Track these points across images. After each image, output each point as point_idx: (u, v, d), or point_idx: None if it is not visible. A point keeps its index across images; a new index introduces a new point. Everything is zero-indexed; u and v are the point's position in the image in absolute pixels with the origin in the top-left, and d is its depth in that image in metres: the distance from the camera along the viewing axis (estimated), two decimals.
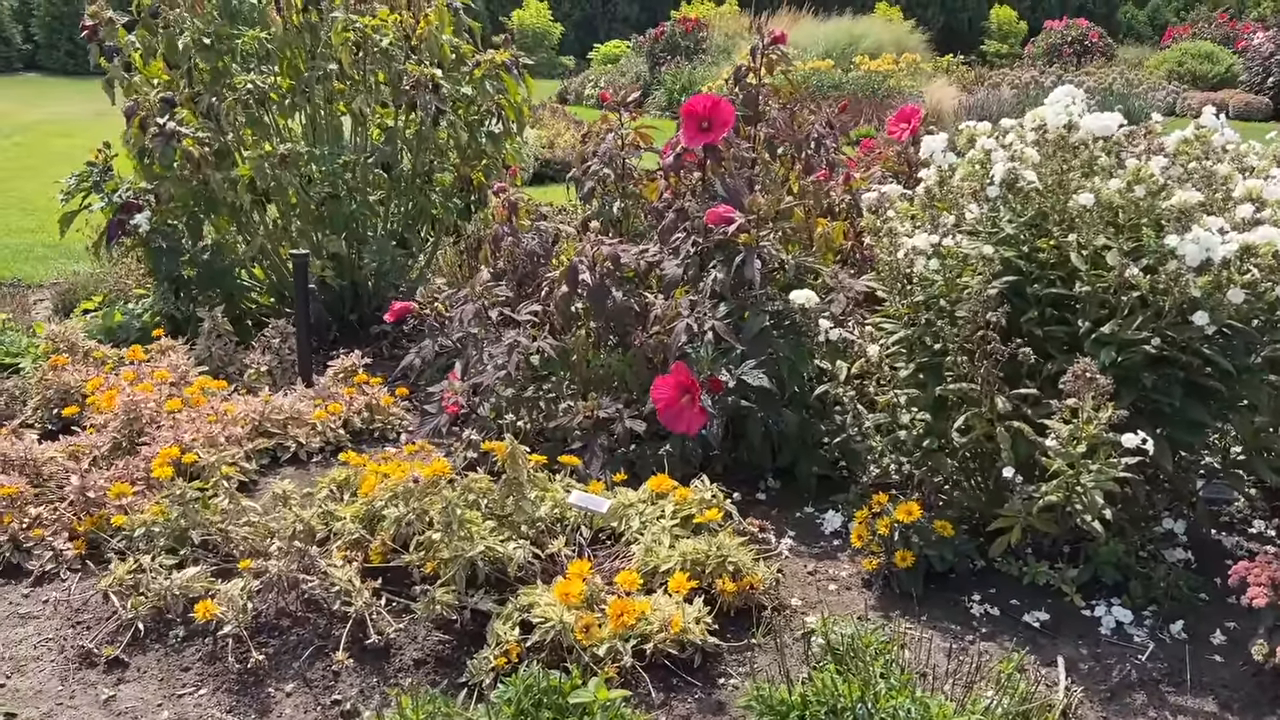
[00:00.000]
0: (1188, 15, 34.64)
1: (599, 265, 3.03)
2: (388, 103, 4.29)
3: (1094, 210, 2.23)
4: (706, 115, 3.21)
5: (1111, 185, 2.23)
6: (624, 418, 2.90)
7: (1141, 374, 2.23)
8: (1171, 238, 2.14)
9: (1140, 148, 2.43)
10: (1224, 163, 2.41)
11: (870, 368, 2.49)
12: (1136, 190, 2.20)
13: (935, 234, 2.40)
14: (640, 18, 31.63)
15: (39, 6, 27.23)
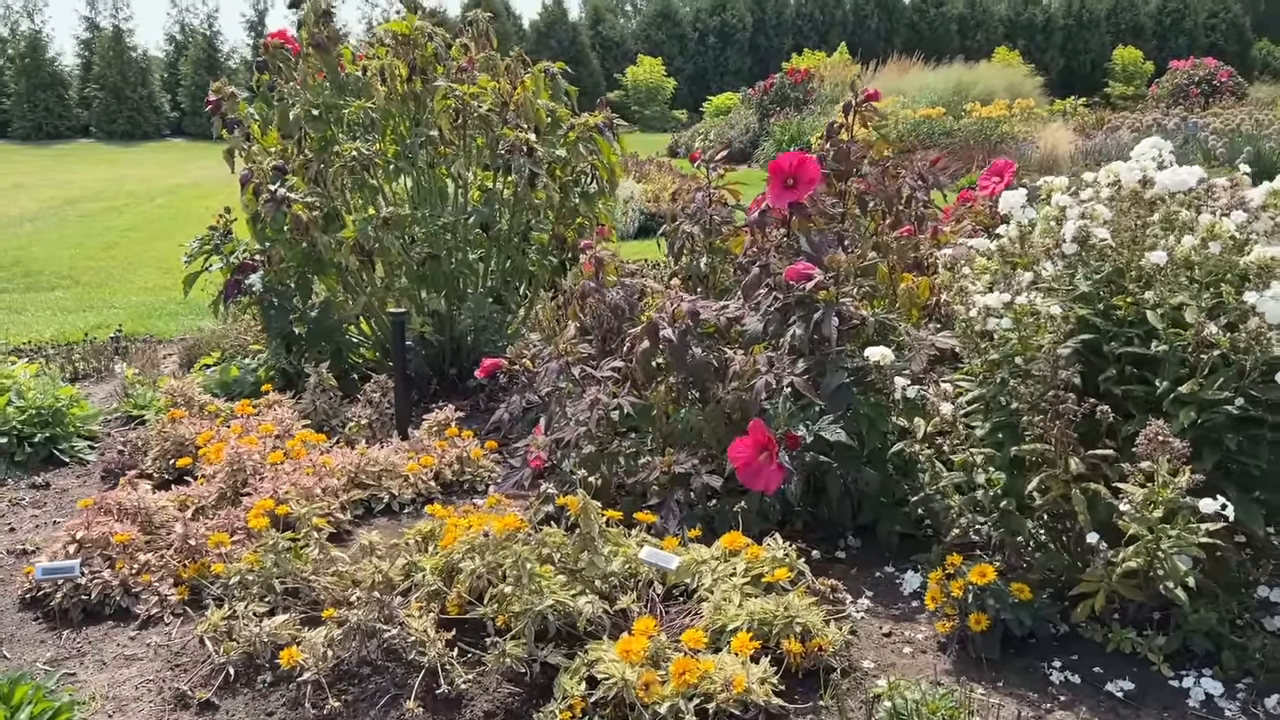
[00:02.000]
0: None
1: (679, 321, 3.08)
2: (488, 165, 4.46)
3: (1169, 267, 2.18)
4: (792, 173, 3.25)
5: (1186, 242, 2.18)
6: (701, 473, 2.93)
7: (1224, 435, 2.15)
8: (1250, 294, 2.08)
9: (1221, 201, 2.36)
10: None
11: (946, 426, 2.46)
12: (1212, 246, 2.14)
13: (1008, 292, 2.37)
14: (752, 70, 31.99)
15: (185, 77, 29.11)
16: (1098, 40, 35.84)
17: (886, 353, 2.59)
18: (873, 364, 2.58)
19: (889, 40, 35.49)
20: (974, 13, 36.56)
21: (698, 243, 3.60)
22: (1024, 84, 15.52)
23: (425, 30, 4.41)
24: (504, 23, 34.38)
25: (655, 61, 33.80)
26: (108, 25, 28.80)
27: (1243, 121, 12.21)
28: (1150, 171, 2.38)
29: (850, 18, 36.19)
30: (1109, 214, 2.33)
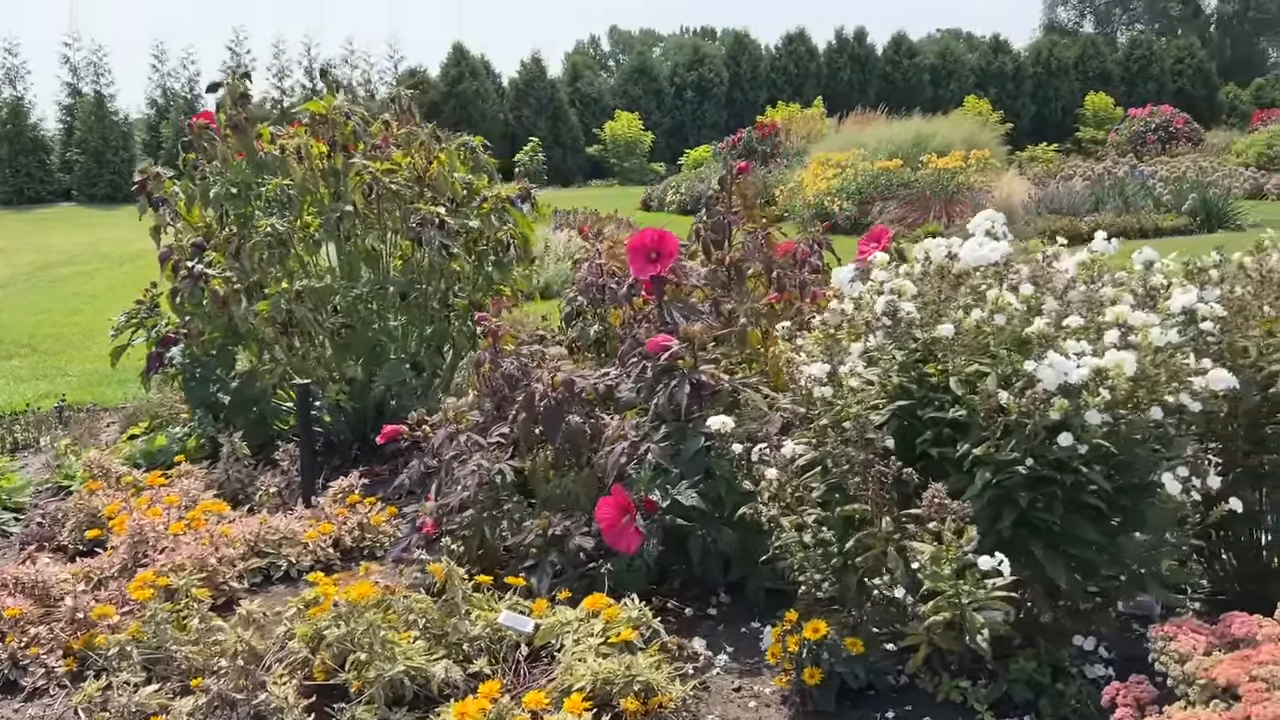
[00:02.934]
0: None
1: (557, 390, 3.24)
2: (409, 237, 4.64)
3: (960, 338, 2.34)
4: (654, 247, 3.42)
5: (974, 315, 2.34)
6: (574, 535, 3.06)
7: (1019, 493, 2.30)
8: (1029, 363, 2.24)
9: (1025, 273, 2.53)
10: (1109, 286, 2.50)
11: (779, 488, 2.61)
12: (997, 319, 2.31)
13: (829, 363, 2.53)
14: (729, 122, 32.49)
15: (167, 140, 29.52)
16: (1067, 87, 36.52)
17: (727, 421, 2.74)
18: (714, 431, 2.73)
19: (863, 91, 36.12)
20: (945, 63, 37.28)
21: (587, 312, 3.76)
22: (981, 135, 15.85)
23: (343, 109, 4.60)
24: (483, 81, 34.95)
25: (633, 116, 34.33)
26: (89, 91, 29.23)
27: (1188, 169, 12.50)
28: (955, 248, 2.55)
29: (824, 70, 36.86)
30: (914, 289, 2.50)
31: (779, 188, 16.33)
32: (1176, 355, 2.32)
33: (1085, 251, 2.65)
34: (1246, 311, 2.61)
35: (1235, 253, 2.95)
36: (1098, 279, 2.57)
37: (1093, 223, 11.90)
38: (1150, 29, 47.64)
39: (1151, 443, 2.38)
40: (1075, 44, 39.11)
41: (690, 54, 37.70)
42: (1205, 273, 2.59)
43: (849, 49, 37.21)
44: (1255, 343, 2.58)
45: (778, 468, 2.57)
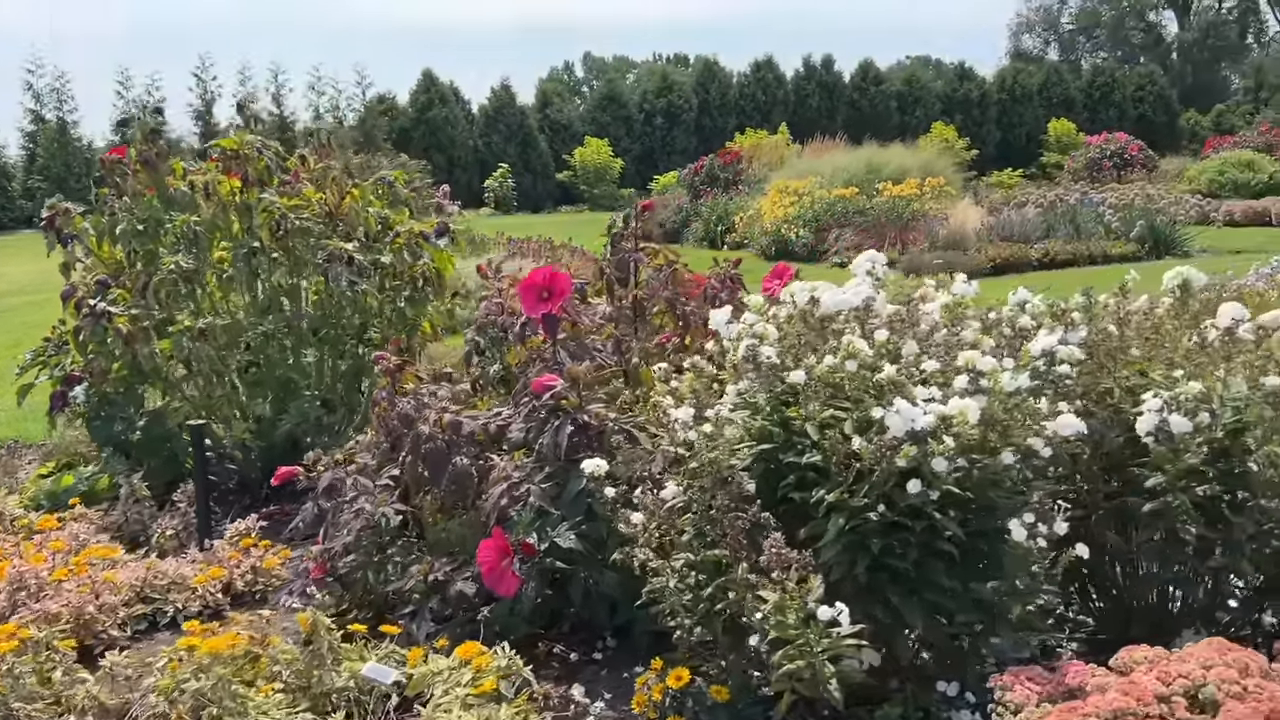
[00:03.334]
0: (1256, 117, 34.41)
1: (444, 431, 3.20)
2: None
3: (812, 385, 2.33)
4: (546, 286, 3.40)
5: (826, 361, 2.33)
6: (456, 580, 3.02)
7: (872, 540, 2.28)
8: (877, 409, 2.23)
9: (885, 316, 2.53)
10: (970, 330, 2.50)
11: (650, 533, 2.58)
12: (848, 365, 2.30)
13: (695, 406, 2.52)
14: (698, 149, 32.66)
15: None
16: (1031, 114, 36.98)
17: (600, 464, 2.71)
18: (588, 474, 2.70)
19: (830, 118, 36.44)
20: (912, 90, 37.67)
21: (489, 350, 3.74)
22: (937, 162, 16.00)
23: (255, 145, 4.57)
24: (453, 107, 34.99)
25: (602, 143, 34.47)
26: (53, 117, 29.06)
27: (1136, 197, 12.64)
28: (818, 292, 2.55)
29: (792, 97, 37.17)
30: (775, 334, 2.49)
31: (739, 215, 16.41)
32: (1028, 400, 2.32)
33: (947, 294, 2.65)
34: (1115, 353, 2.61)
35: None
36: (959, 321, 2.57)
37: (1042, 250, 12.02)
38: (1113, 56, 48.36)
39: (1007, 488, 2.37)
40: (1039, 71, 39.66)
41: (659, 81, 37.92)
42: (1069, 314, 2.58)
43: (816, 76, 37.56)
44: (1120, 384, 2.59)
45: (645, 512, 2.54)
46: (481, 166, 34.62)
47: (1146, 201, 12.49)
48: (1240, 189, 15.75)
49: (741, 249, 15.67)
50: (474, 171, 34.72)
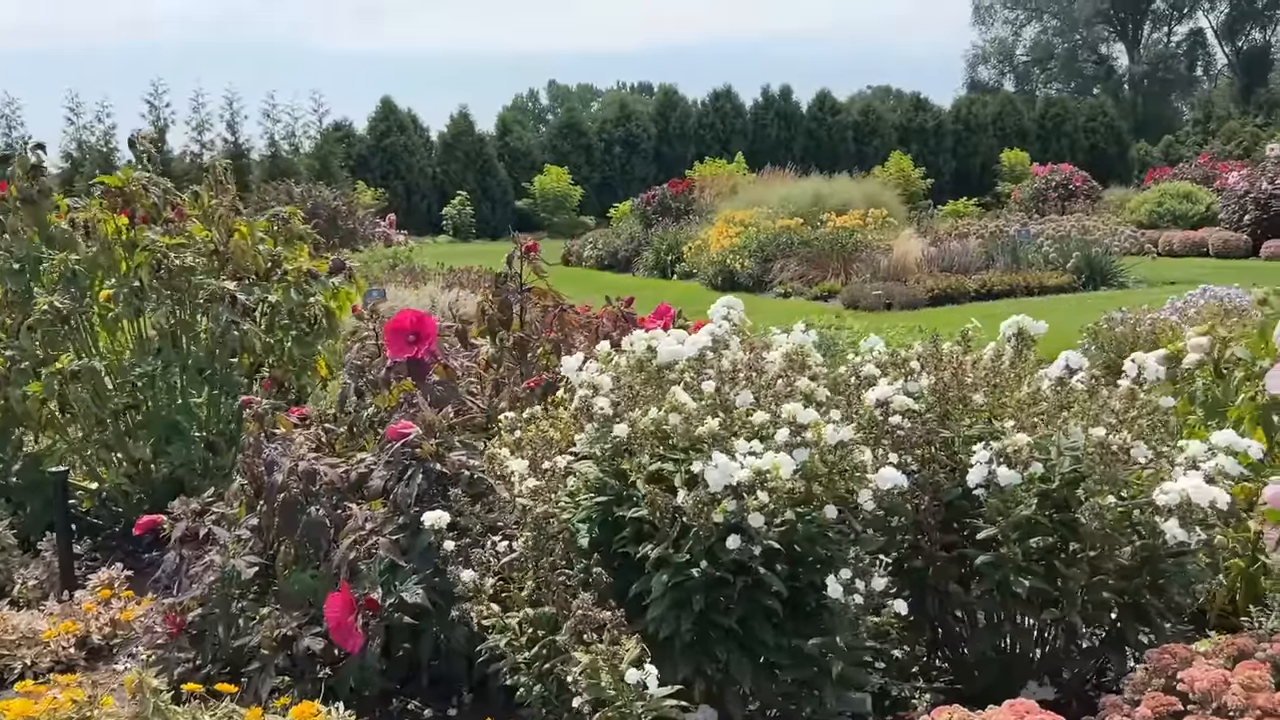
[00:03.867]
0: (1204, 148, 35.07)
1: (300, 480, 3.12)
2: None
3: (638, 437, 2.29)
4: (413, 329, 3.35)
5: (651, 414, 2.29)
6: (304, 636, 2.94)
7: (695, 596, 2.23)
8: (698, 463, 2.19)
9: (726, 363, 2.49)
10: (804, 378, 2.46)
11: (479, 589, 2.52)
12: (671, 419, 2.26)
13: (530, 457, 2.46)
14: (658, 177, 32.77)
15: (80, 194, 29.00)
16: (986, 144, 37.45)
17: (442, 516, 2.65)
18: (428, 526, 2.64)
19: (788, 147, 36.70)
20: (868, 120, 38.06)
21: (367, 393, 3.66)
22: (882, 194, 16.12)
23: (141, 181, 4.49)
24: (411, 135, 34.94)
25: (561, 171, 34.52)
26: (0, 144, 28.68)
27: (1073, 228, 12.78)
28: (655, 342, 2.51)
29: (750, 126, 37.44)
30: (609, 384, 2.44)
31: (687, 245, 16.44)
32: (853, 452, 2.28)
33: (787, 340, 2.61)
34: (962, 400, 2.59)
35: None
36: (798, 370, 2.54)
37: (979, 281, 12.10)
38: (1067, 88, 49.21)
39: (837, 541, 2.33)
40: (994, 102, 40.21)
41: (618, 110, 38.09)
42: (907, 364, 2.56)
43: (775, 106, 37.87)
44: (961, 434, 2.56)
45: (479, 567, 2.48)
46: (440, 194, 34.56)
47: (1083, 233, 12.62)
48: (1179, 219, 15.99)
49: (691, 278, 15.69)
50: (433, 198, 34.67)
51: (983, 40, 52.31)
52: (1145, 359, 2.53)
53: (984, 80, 50.72)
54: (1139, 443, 2.52)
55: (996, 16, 51.72)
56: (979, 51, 51.81)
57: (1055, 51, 50.72)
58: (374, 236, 14.30)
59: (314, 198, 14.00)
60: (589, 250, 20.66)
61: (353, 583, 2.88)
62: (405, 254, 12.85)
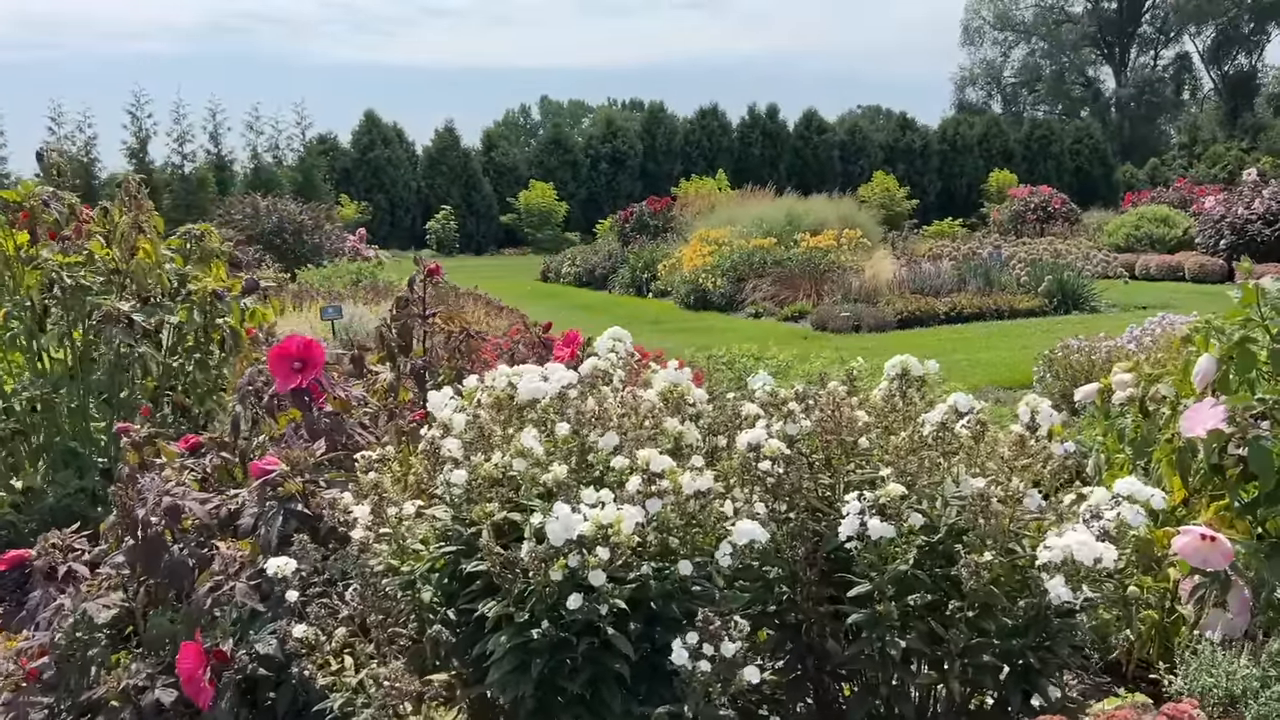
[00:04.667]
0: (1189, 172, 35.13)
1: (163, 517, 2.94)
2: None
3: (478, 484, 2.11)
4: (299, 356, 3.17)
5: (495, 458, 2.12)
6: (155, 687, 2.75)
7: (536, 659, 2.06)
8: (537, 516, 2.01)
9: (588, 406, 2.32)
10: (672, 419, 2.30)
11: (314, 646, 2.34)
12: (516, 464, 2.09)
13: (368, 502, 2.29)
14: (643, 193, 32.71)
15: None
16: (972, 164, 37.51)
17: (288, 563, 2.47)
18: (270, 574, 2.46)
19: (774, 166, 36.72)
20: (854, 139, 38.10)
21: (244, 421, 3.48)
22: (857, 215, 16.01)
23: (40, 196, 4.32)
24: (395, 148, 34.84)
25: (547, 186, 34.44)
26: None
27: (1045, 251, 12.66)
28: (516, 378, 2.34)
29: (737, 144, 37.44)
30: (461, 423, 2.27)
31: (662, 263, 16.31)
32: (714, 503, 2.11)
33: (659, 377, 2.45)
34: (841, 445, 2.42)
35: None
36: (672, 410, 2.37)
37: (949, 303, 11.97)
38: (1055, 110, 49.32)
39: (704, 598, 2.16)
40: (980, 123, 40.27)
41: (605, 126, 38.06)
42: (785, 404, 2.39)
43: (761, 124, 37.88)
44: (843, 480, 2.39)
45: (314, 622, 2.30)
46: (425, 208, 34.47)
47: (1055, 256, 12.50)
48: (1156, 243, 15.89)
49: (666, 297, 15.55)
50: (417, 212, 34.56)
51: (971, 62, 52.47)
52: (1038, 403, 2.36)
53: (972, 101, 50.83)
54: (1033, 491, 2.36)
55: (985, 38, 51.89)
56: (967, 73, 51.96)
57: (1043, 74, 50.85)
58: (343, 251, 14.11)
59: (279, 211, 13.81)
60: (567, 267, 20.53)
61: (209, 630, 2.69)
62: (370, 269, 12.66)
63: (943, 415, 2.26)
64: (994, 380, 7.97)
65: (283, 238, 13.12)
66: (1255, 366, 2.97)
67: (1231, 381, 3.00)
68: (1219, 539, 2.60)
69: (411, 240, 33.10)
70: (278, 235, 13.12)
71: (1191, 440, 2.85)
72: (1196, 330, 3.14)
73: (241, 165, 31.32)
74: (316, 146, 32.86)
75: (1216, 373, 2.99)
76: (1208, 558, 2.63)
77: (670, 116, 38.73)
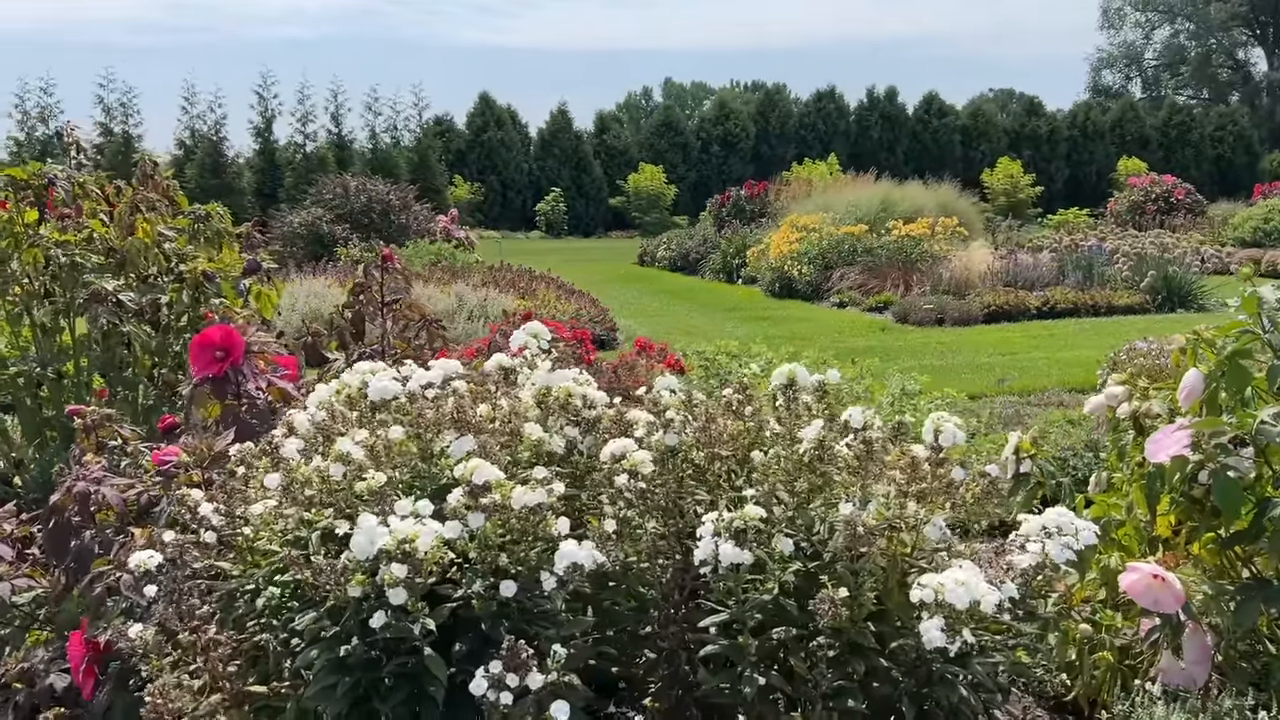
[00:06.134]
0: None
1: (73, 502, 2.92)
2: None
3: (294, 490, 1.99)
4: (221, 345, 3.11)
5: (315, 463, 1.99)
6: (52, 671, 2.73)
7: (346, 678, 1.92)
8: (344, 524, 1.88)
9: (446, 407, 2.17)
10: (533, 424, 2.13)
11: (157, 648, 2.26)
12: (333, 470, 1.95)
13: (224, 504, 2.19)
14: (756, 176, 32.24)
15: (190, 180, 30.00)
16: (1103, 151, 35.76)
17: (152, 557, 2.40)
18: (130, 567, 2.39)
19: (891, 150, 35.76)
20: (977, 124, 36.76)
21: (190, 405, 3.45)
22: (956, 202, 15.36)
23: (44, 175, 4.39)
24: (509, 131, 35.19)
25: (656, 169, 34.27)
26: (119, 131, 29.95)
27: (1149, 245, 11.90)
28: (368, 378, 2.20)
29: (854, 128, 36.55)
30: (305, 422, 2.15)
31: (751, 250, 16.00)
32: (546, 518, 1.94)
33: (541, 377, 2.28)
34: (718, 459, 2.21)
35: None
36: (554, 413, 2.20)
37: (1042, 298, 11.39)
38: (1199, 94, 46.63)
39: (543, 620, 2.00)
40: (1116, 108, 38.35)
41: (717, 109, 37.66)
42: (664, 413, 2.19)
43: (879, 107, 36.87)
44: (725, 497, 2.18)
45: (152, 623, 2.22)
46: (536, 190, 34.73)
47: (1161, 250, 11.72)
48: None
49: (754, 284, 15.25)
50: (528, 194, 34.84)
51: (1110, 44, 49.97)
52: (943, 420, 2.10)
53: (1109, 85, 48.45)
54: (938, 519, 2.12)
55: (1126, 19, 49.31)
56: (1104, 55, 49.49)
57: (1188, 56, 48.08)
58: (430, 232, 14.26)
59: (368, 191, 14.04)
60: (662, 251, 20.38)
61: (96, 620, 2.66)
62: (449, 251, 12.74)
63: (819, 433, 2.03)
64: (1065, 382, 7.49)
65: (370, 217, 13.36)
66: (1249, 385, 2.62)
67: (1223, 400, 2.66)
68: (1168, 579, 2.29)
69: (522, 222, 33.45)
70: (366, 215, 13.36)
71: (1161, 467, 2.53)
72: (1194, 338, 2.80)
73: (360, 145, 32.12)
74: (433, 128, 33.46)
75: (1205, 390, 2.65)
76: (1159, 598, 2.33)
77: (785, 99, 38.10)
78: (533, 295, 11.17)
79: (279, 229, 13.55)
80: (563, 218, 33.34)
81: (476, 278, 11.15)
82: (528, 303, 10.65)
